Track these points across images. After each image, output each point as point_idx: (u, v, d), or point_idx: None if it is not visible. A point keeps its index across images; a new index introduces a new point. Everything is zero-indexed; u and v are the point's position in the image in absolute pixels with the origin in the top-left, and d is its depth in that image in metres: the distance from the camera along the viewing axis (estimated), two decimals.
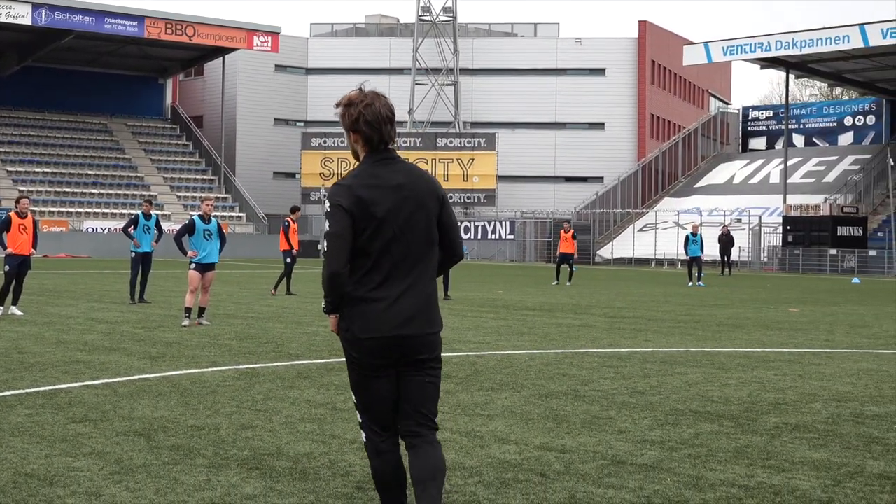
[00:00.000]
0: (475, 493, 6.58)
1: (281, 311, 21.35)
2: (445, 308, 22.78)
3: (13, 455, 7.45)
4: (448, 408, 9.69)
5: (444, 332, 16.80)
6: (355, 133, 5.21)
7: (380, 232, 5.06)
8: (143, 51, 75.40)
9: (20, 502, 6.25)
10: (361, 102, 5.18)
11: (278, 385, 11.00)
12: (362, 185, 5.08)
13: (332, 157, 76.77)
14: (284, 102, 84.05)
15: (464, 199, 77.51)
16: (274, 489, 6.63)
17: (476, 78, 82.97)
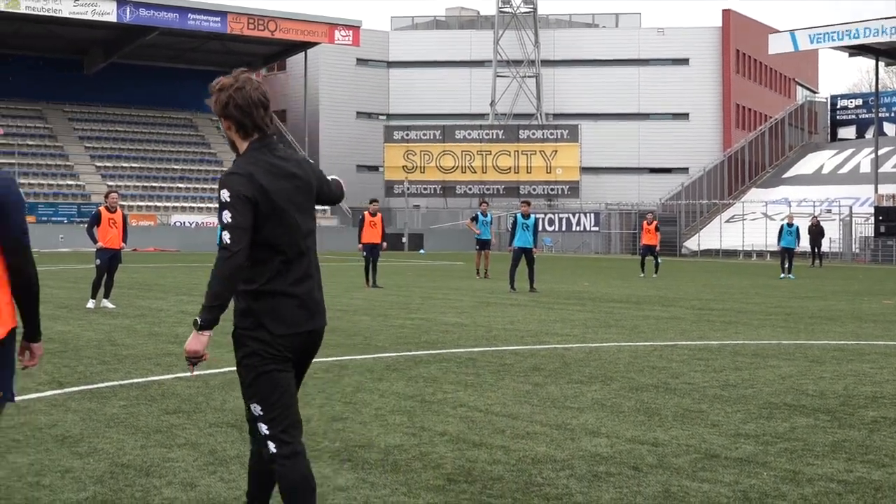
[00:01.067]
0: (567, 486, 6.52)
1: (368, 303, 21.43)
2: (532, 300, 22.69)
3: (109, 446, 7.55)
4: (537, 400, 9.64)
5: (531, 324, 16.89)
6: (226, 119, 4.94)
7: (282, 222, 4.87)
8: (226, 46, 76.21)
9: (117, 492, 6.33)
10: (231, 87, 4.91)
11: (367, 377, 11.03)
12: (262, 173, 4.84)
13: (414, 150, 76.98)
14: (366, 96, 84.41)
15: (547, 192, 77.27)
16: (366, 481, 6.63)
17: (558, 69, 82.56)
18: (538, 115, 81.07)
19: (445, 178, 77.67)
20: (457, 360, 12.52)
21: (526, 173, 77.24)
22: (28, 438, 7.75)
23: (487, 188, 77.58)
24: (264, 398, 4.86)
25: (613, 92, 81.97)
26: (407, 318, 17.99)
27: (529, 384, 10.63)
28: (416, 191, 76.89)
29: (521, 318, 18.34)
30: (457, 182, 77.80)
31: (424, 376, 11.11)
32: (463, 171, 77.63)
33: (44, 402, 9.34)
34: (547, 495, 6.32)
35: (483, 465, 7.08)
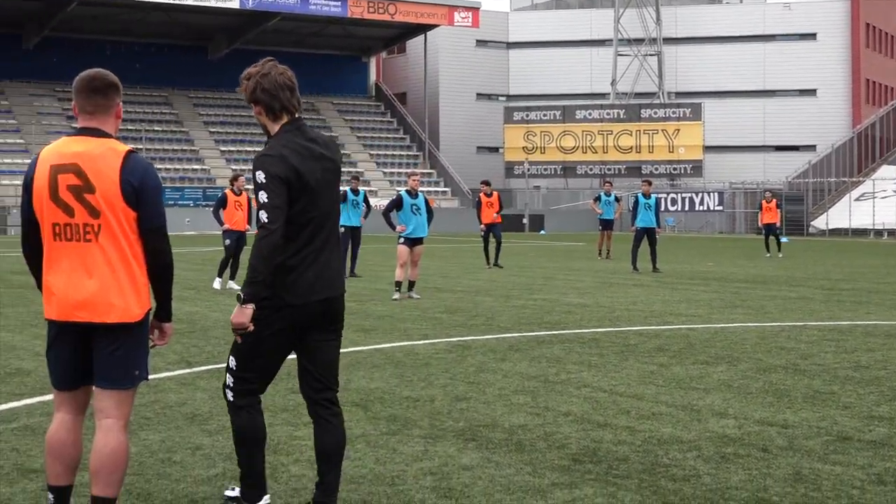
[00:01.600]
0: (694, 468, 6.43)
1: (489, 284, 21.43)
2: (655, 280, 22.45)
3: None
4: (662, 381, 9.53)
5: (655, 305, 16.72)
6: (256, 104, 5.21)
7: (312, 201, 5.15)
8: (347, 30, 76.85)
9: None
10: (258, 73, 5.21)
11: (490, 357, 11.02)
12: (293, 154, 5.11)
13: (535, 131, 76.70)
14: (486, 77, 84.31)
15: (669, 171, 76.33)
16: (491, 460, 6.62)
17: (680, 47, 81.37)
18: (660, 93, 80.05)
19: (566, 158, 77.25)
20: (580, 340, 12.45)
21: (648, 153, 76.39)
22: (159, 416, 7.92)
23: (608, 168, 76.97)
24: (242, 358, 5.30)
25: (737, 68, 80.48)
26: (529, 299, 17.94)
27: (654, 365, 10.52)
28: (536, 172, 76.64)
29: (644, 298, 18.15)
30: (577, 162, 77.32)
31: (548, 357, 11.07)
32: (584, 152, 77.11)
33: (174, 380, 9.55)
34: (674, 476, 6.24)
35: (608, 445, 7.02)
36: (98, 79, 5.08)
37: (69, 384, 5.04)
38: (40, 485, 6.01)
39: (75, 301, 4.84)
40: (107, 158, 4.85)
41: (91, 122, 5.00)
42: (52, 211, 4.86)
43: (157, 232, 4.94)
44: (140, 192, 4.86)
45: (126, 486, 5.98)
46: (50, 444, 5.05)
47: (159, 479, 6.18)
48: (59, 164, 4.87)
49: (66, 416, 5.07)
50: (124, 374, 4.96)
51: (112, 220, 4.83)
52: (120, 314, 4.86)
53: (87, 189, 4.82)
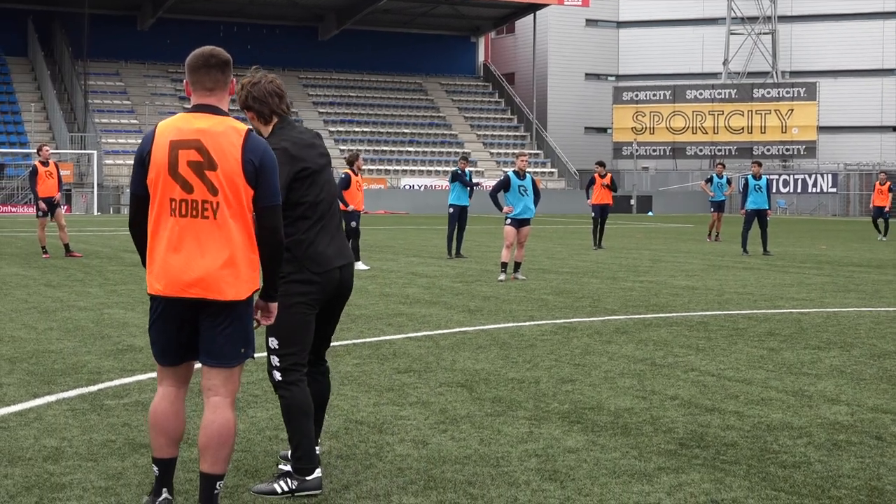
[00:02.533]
0: (805, 454, 6.34)
1: (595, 266, 21.30)
2: (766, 264, 22.09)
3: (344, 402, 7.75)
4: (772, 366, 9.38)
5: (765, 288, 16.48)
6: (248, 111, 5.74)
7: (315, 182, 5.68)
8: (456, 10, 76.77)
9: (352, 447, 6.49)
10: (248, 84, 5.72)
11: (596, 340, 10.96)
12: (291, 145, 5.61)
13: (644, 111, 75.87)
14: (595, 57, 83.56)
15: (782, 152, 74.89)
16: (596, 443, 6.59)
17: (795, 25, 79.63)
18: (773, 72, 78.50)
19: (675, 139, 76.28)
20: (687, 323, 12.31)
21: (760, 133, 75.04)
22: (267, 394, 8.02)
23: (719, 149, 75.82)
24: (283, 336, 5.61)
25: (854, 47, 78.44)
26: (636, 281, 17.79)
27: (764, 349, 10.35)
28: (644, 152, 75.85)
29: (753, 281, 17.86)
30: (687, 143, 76.29)
31: (654, 339, 10.96)
32: (693, 132, 76.04)
33: None
34: (783, 463, 6.16)
35: (716, 430, 6.93)
36: (216, 55, 5.14)
37: (172, 359, 5.11)
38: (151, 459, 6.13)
39: (190, 278, 4.87)
40: (229, 136, 4.90)
41: (209, 100, 5.05)
42: (170, 186, 4.89)
43: (273, 210, 4.99)
44: (260, 171, 4.91)
45: (234, 463, 6.09)
46: (153, 417, 5.12)
47: (266, 457, 6.28)
48: (179, 140, 4.90)
49: (169, 389, 5.14)
50: (232, 351, 5.00)
51: (231, 198, 4.88)
52: (233, 292, 4.90)
53: (208, 166, 4.86)
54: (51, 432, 6.80)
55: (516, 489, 5.66)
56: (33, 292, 15.31)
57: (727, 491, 5.62)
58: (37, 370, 8.97)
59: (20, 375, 8.73)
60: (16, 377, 8.66)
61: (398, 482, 5.78)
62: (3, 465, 6.05)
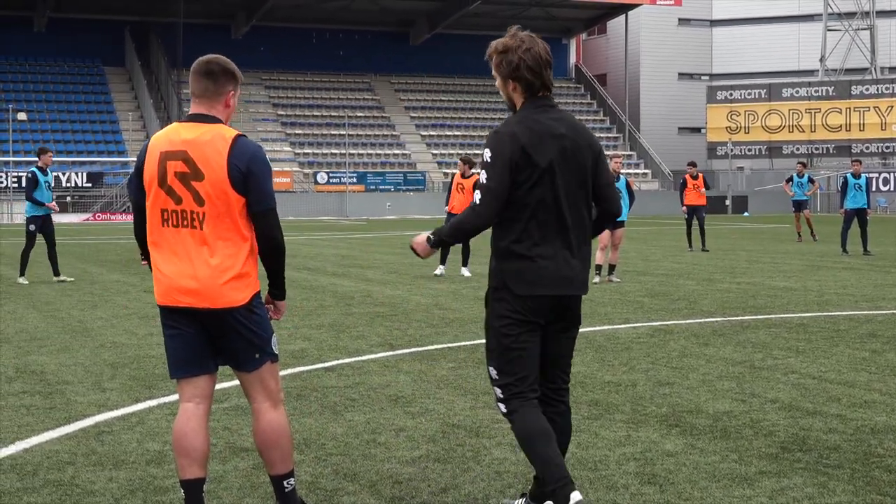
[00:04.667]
0: None
1: (691, 267, 21.08)
2: (866, 264, 21.68)
3: (440, 406, 7.77)
4: (875, 368, 9.21)
5: (866, 289, 16.14)
6: (514, 81, 4.92)
7: (541, 184, 4.81)
8: (547, 12, 76.66)
9: (449, 451, 6.50)
10: (520, 47, 4.89)
11: (693, 342, 10.84)
12: (526, 132, 4.81)
13: (738, 111, 74.89)
14: (688, 56, 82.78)
15: (882, 149, 73.39)
16: (695, 447, 6.52)
17: (894, 20, 78.02)
18: (872, 69, 76.97)
19: (771, 137, 75.17)
20: (787, 325, 12.12)
21: (858, 131, 73.60)
22: (363, 397, 8.08)
23: (816, 147, 74.58)
24: (497, 363, 4.93)
25: None
26: (732, 283, 17.56)
27: (866, 351, 10.15)
28: (739, 152, 74.85)
29: (854, 282, 17.52)
30: (783, 142, 75.15)
31: (753, 342, 10.81)
32: (790, 131, 74.88)
33: (377, 363, 9.73)
34: (889, 467, 6.04)
35: (818, 433, 6.81)
36: (212, 63, 5.04)
37: (182, 372, 5.06)
38: (251, 463, 6.22)
39: (181, 287, 4.89)
40: (215, 144, 4.86)
41: (200, 108, 5.01)
42: (161, 197, 4.91)
43: (265, 214, 4.92)
44: (248, 176, 4.84)
45: (332, 466, 6.15)
46: (173, 436, 5.07)
47: (364, 460, 6.31)
48: (168, 151, 4.91)
49: (187, 406, 5.06)
50: (246, 357, 5.01)
51: (219, 207, 4.84)
52: (224, 300, 4.88)
53: (194, 176, 4.84)
54: (153, 436, 6.92)
55: (615, 493, 5.62)
56: (133, 298, 15.61)
57: (830, 495, 5.51)
58: (138, 375, 9.15)
59: (122, 380, 8.91)
60: (118, 382, 8.83)
61: (496, 486, 5.77)
62: (107, 468, 6.16)
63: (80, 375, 9.13)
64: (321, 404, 7.86)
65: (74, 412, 7.65)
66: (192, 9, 68.53)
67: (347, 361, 9.80)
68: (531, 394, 4.90)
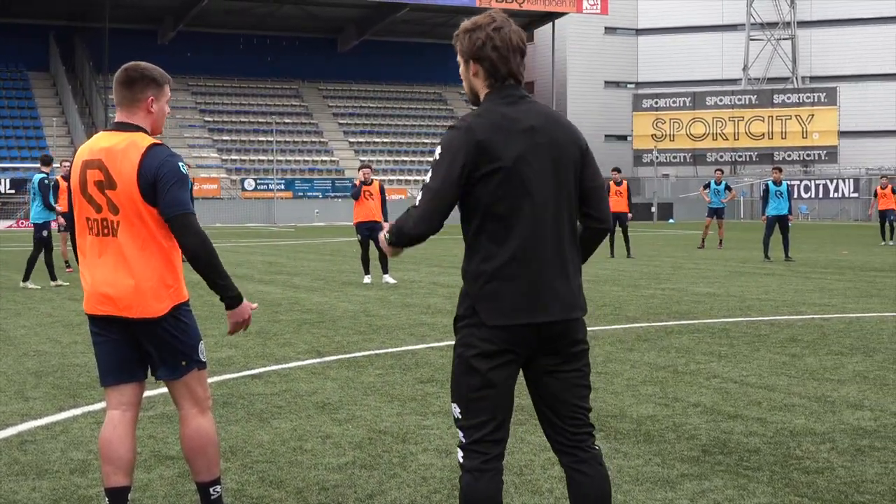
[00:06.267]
0: (828, 460, 6.33)
1: (616, 273, 21.28)
2: (787, 269, 22.04)
3: (367, 412, 7.78)
4: (795, 372, 9.37)
5: (787, 294, 16.37)
6: (476, 63, 4.11)
7: (507, 187, 3.99)
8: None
9: (375, 457, 6.51)
10: (489, 25, 4.15)
11: (618, 348, 10.96)
12: (485, 125, 4.00)
13: (664, 118, 75.80)
14: (615, 64, 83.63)
15: (803, 157, 74.74)
16: (619, 450, 6.60)
17: (815, 30, 79.48)
18: (794, 78, 78.36)
19: (696, 145, 76.19)
20: (710, 330, 12.29)
21: (780, 139, 74.87)
22: (290, 405, 8.07)
23: (739, 155, 75.71)
24: (462, 401, 4.09)
25: (875, 51, 78.17)
26: (657, 288, 17.76)
27: (786, 355, 10.34)
28: (664, 159, 75.76)
29: (775, 287, 17.81)
30: (707, 149, 76.19)
31: (676, 346, 10.96)
32: (714, 139, 75.96)
33: (304, 370, 9.71)
34: (807, 469, 6.15)
35: (739, 436, 6.93)
36: (128, 70, 4.98)
37: (109, 379, 5.04)
38: (177, 471, 6.20)
39: (99, 295, 4.89)
40: (128, 153, 4.82)
41: (121, 116, 5.00)
42: (84, 206, 4.91)
43: (177, 221, 4.82)
44: (157, 185, 4.79)
45: (259, 474, 6.14)
46: (99, 443, 5.05)
47: (291, 467, 6.30)
48: (88, 160, 4.91)
49: (113, 413, 5.04)
50: (172, 365, 4.99)
51: (132, 216, 4.82)
52: (140, 310, 4.85)
53: (108, 185, 4.83)
54: (77, 445, 6.86)
55: (540, 497, 5.67)
56: (57, 306, 15.43)
57: (750, 497, 5.61)
58: (62, 384, 9.04)
59: (46, 389, 8.80)
60: (42, 391, 8.73)
61: (422, 491, 5.80)
62: (31, 477, 6.11)
63: (2, 384, 9.01)
64: (248, 412, 7.84)
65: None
66: (117, 14, 67.78)
67: (274, 369, 9.77)
68: (494, 448, 4.07)
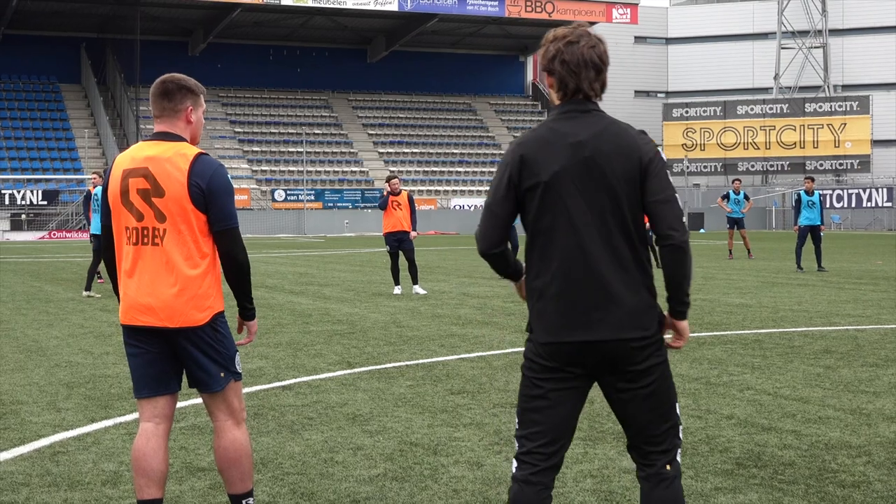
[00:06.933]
0: (864, 473, 6.28)
1: None
2: (820, 280, 21.91)
3: (398, 424, 7.77)
4: (829, 384, 9.30)
5: (820, 305, 16.23)
6: (550, 76, 4.13)
7: (546, 201, 4.03)
8: (504, 30, 77.09)
9: (406, 469, 6.50)
10: (563, 39, 4.10)
11: None
12: (533, 139, 4.07)
13: (694, 128, 75.58)
14: (645, 74, 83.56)
15: (835, 166, 74.35)
16: None
17: (847, 38, 79.13)
18: (825, 86, 78.00)
19: (727, 155, 75.93)
20: (742, 341, 12.21)
21: (812, 148, 74.49)
22: (321, 416, 8.07)
23: (771, 164, 75.36)
24: (518, 410, 4.22)
25: None
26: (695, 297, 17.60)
27: (820, 367, 10.26)
28: (695, 169, 75.54)
29: (809, 298, 17.69)
30: (739, 159, 75.92)
31: (709, 358, 10.88)
32: (745, 148, 75.69)
33: (335, 381, 9.72)
34: (843, 482, 6.10)
35: (773, 449, 6.86)
36: (166, 82, 5.06)
37: (144, 391, 5.06)
38: (208, 483, 6.21)
39: (141, 305, 4.91)
40: (175, 161, 4.88)
41: (161, 127, 5.05)
42: (124, 215, 4.94)
43: (227, 234, 4.94)
44: (208, 195, 4.87)
45: (290, 486, 6.15)
46: (132, 455, 5.07)
47: (322, 479, 6.30)
48: (130, 169, 4.94)
49: (146, 425, 5.06)
50: (211, 377, 5.02)
51: (180, 224, 4.86)
52: (183, 319, 4.89)
53: (155, 193, 4.87)
54: (109, 456, 6.87)
55: None
56: (89, 317, 15.51)
57: None
58: (94, 395, 9.09)
59: (78, 400, 8.85)
60: (73, 402, 8.77)
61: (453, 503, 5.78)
62: (62, 489, 6.12)
63: (34, 395, 9.05)
64: (279, 423, 7.84)
65: (29, 432, 7.59)
66: (148, 26, 68.26)
67: (305, 380, 9.78)
68: (544, 462, 4.12)
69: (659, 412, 4.21)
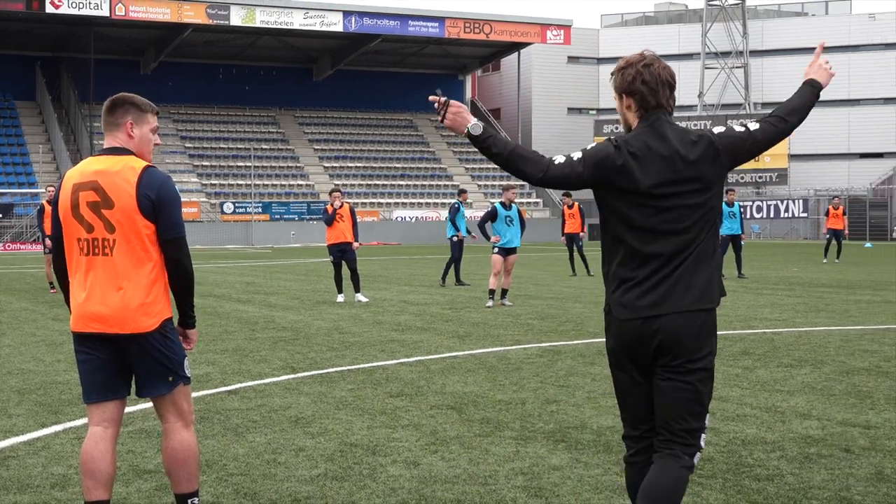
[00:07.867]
0: (778, 468, 6.54)
1: (579, 291, 21.57)
2: (741, 286, 22.40)
3: (339, 426, 7.94)
4: (747, 383, 9.61)
5: (740, 309, 16.78)
6: (629, 96, 4.52)
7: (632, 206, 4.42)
8: (444, 50, 77.53)
9: (346, 469, 6.66)
10: (640, 62, 4.54)
11: (579, 362, 11.19)
12: (631, 146, 4.42)
13: None
14: (577, 92, 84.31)
15: (755, 179, 75.87)
16: (580, 461, 6.77)
17: (766, 59, 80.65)
18: (746, 104, 79.42)
19: None
20: None
21: None
22: (265, 419, 8.22)
23: None
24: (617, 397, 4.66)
25: None
26: None
27: (739, 368, 10.61)
28: None
29: (729, 303, 17.96)
30: None
31: None
32: None
33: (279, 386, 9.87)
34: (758, 476, 6.35)
35: None
36: (114, 98, 5.21)
37: (93, 396, 5.17)
38: (154, 484, 6.31)
39: (92, 313, 5.02)
40: (124, 175, 5.01)
41: (108, 142, 5.20)
42: (75, 226, 5.06)
43: (174, 242, 5.09)
44: (157, 205, 5.02)
45: (234, 486, 6.26)
46: (81, 458, 5.17)
47: (265, 479, 6.42)
48: (80, 182, 5.07)
49: (95, 430, 5.15)
50: (158, 381, 5.15)
51: (129, 234, 4.99)
52: (133, 326, 5.01)
53: (105, 205, 4.99)
54: (58, 460, 6.95)
55: None
56: (41, 326, 15.50)
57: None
58: (45, 401, 9.12)
59: (29, 406, 8.89)
60: (24, 408, 8.81)
61: (391, 502, 5.94)
62: (12, 492, 6.18)
63: None
64: (224, 426, 7.95)
65: None
66: (101, 45, 67.97)
67: (250, 384, 9.90)
68: (635, 444, 4.59)
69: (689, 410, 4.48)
